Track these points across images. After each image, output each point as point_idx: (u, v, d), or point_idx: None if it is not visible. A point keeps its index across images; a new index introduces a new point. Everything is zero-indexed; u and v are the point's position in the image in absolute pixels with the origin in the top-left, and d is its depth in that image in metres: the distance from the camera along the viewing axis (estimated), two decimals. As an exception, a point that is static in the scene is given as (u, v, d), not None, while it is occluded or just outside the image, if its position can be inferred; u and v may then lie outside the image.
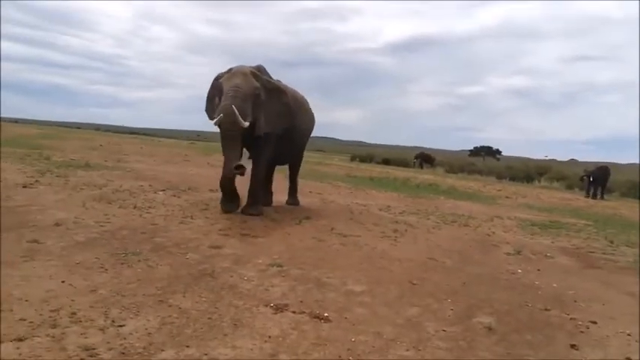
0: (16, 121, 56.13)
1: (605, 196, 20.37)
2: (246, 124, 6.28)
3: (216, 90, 6.92)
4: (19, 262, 3.86)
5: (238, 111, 6.17)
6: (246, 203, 7.02)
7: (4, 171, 8.30)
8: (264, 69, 7.23)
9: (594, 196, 19.45)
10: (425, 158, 38.43)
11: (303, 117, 8.07)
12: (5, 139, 15.94)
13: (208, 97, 7.27)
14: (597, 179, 19.73)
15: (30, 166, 9.44)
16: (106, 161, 12.32)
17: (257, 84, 6.69)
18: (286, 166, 8.87)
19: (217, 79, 7.07)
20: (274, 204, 8.07)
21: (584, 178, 20.20)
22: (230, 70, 6.89)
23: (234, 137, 6.43)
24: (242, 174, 6.38)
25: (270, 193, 8.23)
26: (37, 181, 7.68)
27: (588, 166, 22.40)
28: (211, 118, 6.73)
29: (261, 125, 6.74)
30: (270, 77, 7.29)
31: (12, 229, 4.79)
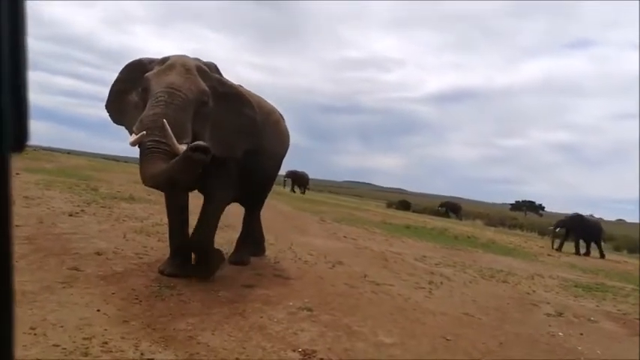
0: (68, 152, 58.90)
1: (592, 253, 17.57)
2: (184, 147, 4.03)
3: (136, 85, 4.62)
4: (58, 287, 3.98)
5: (174, 126, 4.01)
6: (196, 259, 5.18)
7: (52, 199, 8.68)
8: (216, 67, 5.02)
9: (577, 252, 17.15)
10: (451, 207, 38.86)
11: (272, 136, 5.94)
12: (57, 169, 16.71)
13: (116, 90, 4.95)
14: (572, 231, 17.62)
15: (77, 195, 9.84)
16: (149, 195, 12.67)
17: (204, 86, 4.51)
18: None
19: (143, 68, 4.69)
20: (303, 246, 8.02)
21: (554, 228, 18.27)
22: (165, 60, 4.57)
23: (163, 161, 4.07)
24: (206, 152, 3.91)
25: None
26: (82, 210, 7.99)
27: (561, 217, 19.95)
28: (118, 123, 4.88)
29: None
30: (223, 78, 5.09)
31: (55, 255, 4.97)
